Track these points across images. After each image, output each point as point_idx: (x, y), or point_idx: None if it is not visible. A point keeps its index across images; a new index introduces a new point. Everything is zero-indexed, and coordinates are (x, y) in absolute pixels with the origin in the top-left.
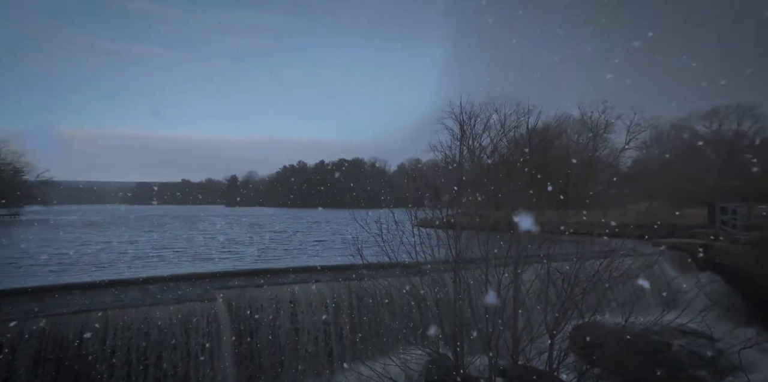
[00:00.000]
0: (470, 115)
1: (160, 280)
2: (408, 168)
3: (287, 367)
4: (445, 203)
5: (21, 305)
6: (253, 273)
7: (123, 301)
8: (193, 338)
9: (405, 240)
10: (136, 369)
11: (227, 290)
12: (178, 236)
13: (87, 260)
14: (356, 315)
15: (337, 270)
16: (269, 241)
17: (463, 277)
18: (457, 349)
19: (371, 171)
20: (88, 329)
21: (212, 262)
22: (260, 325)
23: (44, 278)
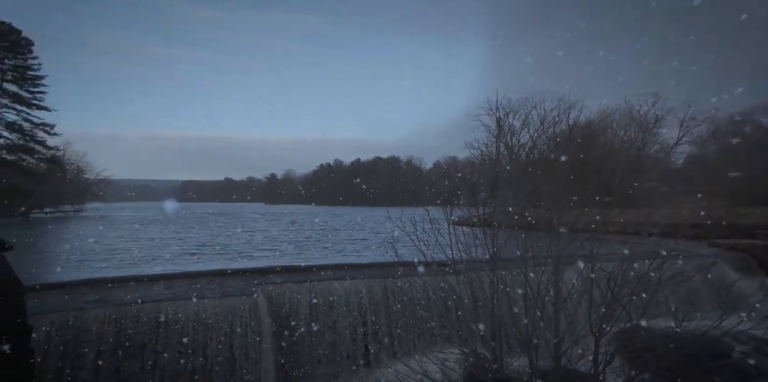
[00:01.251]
0: (508, 112)
1: (205, 274)
2: (443, 166)
3: (325, 361)
4: (481, 201)
5: (85, 295)
6: (292, 269)
7: (172, 294)
8: (235, 330)
9: (440, 239)
10: (185, 358)
11: (267, 286)
12: (221, 232)
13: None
14: (392, 313)
15: (373, 267)
16: (306, 238)
17: (500, 276)
18: (496, 349)
19: (406, 169)
20: (143, 319)
21: (253, 258)
22: (298, 320)
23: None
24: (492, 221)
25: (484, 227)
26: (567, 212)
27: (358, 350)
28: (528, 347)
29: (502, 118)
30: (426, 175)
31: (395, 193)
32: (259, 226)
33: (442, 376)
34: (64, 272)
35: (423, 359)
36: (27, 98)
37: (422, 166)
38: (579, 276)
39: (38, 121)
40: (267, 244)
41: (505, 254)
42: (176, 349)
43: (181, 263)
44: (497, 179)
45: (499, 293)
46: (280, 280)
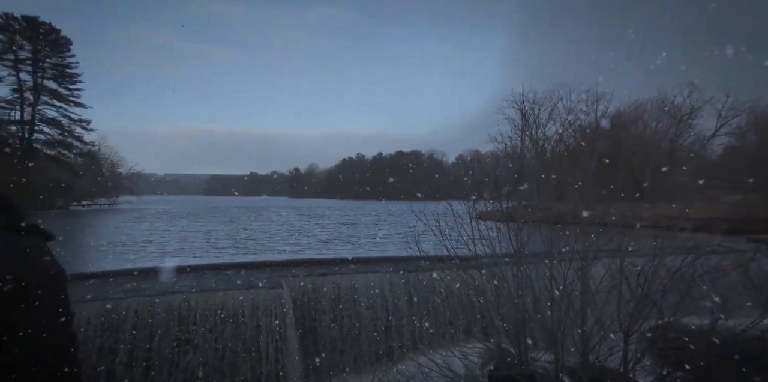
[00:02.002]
0: (533, 104)
1: (232, 266)
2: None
3: (348, 353)
4: (505, 194)
5: (120, 284)
6: (315, 263)
7: (201, 285)
8: (261, 321)
9: (463, 233)
10: (214, 346)
11: (291, 278)
12: (246, 226)
13: (173, 246)
14: (415, 306)
15: (396, 261)
16: (329, 232)
17: (525, 271)
18: (520, 344)
19: (429, 163)
20: (174, 309)
21: (277, 251)
22: (321, 312)
23: (142, 262)
24: (516, 215)
25: (508, 221)
26: (594, 205)
27: (381, 343)
28: (554, 342)
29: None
30: (448, 169)
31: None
32: (282, 219)
33: (465, 370)
34: (100, 262)
35: (446, 353)
36: (65, 95)
37: (444, 160)
38: (607, 271)
39: (75, 118)
40: (290, 237)
41: (530, 248)
42: (205, 338)
43: (208, 256)
44: (522, 172)
45: (523, 287)
46: (304, 273)
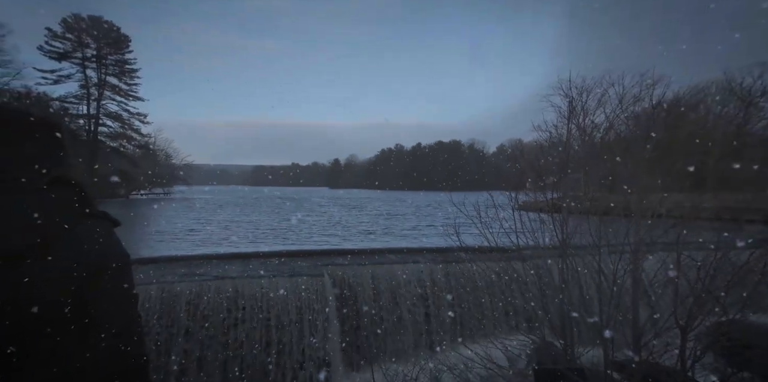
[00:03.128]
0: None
1: (276, 255)
2: (508, 149)
3: (388, 342)
4: (550, 185)
5: (174, 269)
6: (356, 252)
7: (247, 272)
8: (303, 308)
9: (505, 224)
10: (260, 331)
11: (333, 267)
12: (289, 215)
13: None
14: (455, 297)
15: (435, 252)
16: (368, 222)
17: (570, 263)
18: (566, 338)
19: (469, 153)
20: (223, 294)
21: (319, 240)
22: (362, 301)
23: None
24: (561, 206)
25: (553, 212)
26: (648, 195)
27: (421, 333)
28: (602, 337)
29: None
30: (489, 159)
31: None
32: (323, 210)
33: (508, 362)
34: (156, 248)
35: (488, 345)
36: (125, 90)
37: (485, 149)
38: (662, 265)
39: (134, 111)
40: (331, 228)
41: (576, 240)
42: (251, 323)
43: (252, 244)
44: (568, 162)
45: (569, 280)
46: (345, 262)
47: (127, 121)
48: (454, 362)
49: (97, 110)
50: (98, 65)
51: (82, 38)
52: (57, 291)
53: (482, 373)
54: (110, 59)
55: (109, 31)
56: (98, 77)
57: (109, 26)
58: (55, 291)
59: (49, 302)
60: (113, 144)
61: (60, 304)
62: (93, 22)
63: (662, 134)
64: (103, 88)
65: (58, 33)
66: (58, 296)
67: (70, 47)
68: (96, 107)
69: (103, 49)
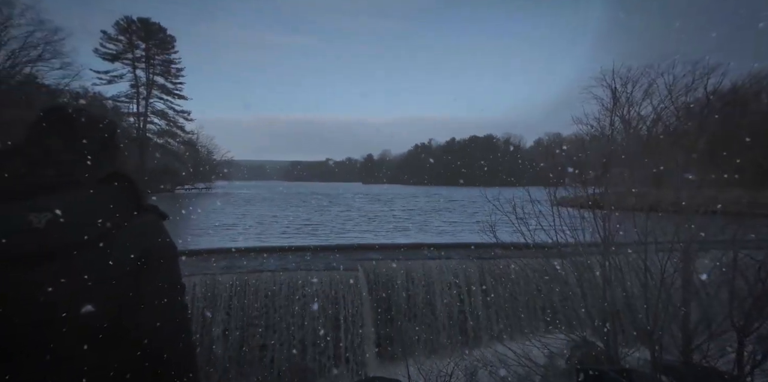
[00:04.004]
0: (626, 81)
1: (311, 249)
2: (546, 143)
3: (423, 338)
4: (591, 179)
5: (216, 262)
6: (389, 247)
7: (284, 265)
8: (339, 302)
9: (542, 220)
10: (297, 323)
11: (366, 262)
12: (324, 210)
13: (259, 228)
14: (490, 293)
15: (470, 248)
16: (402, 218)
17: (614, 261)
18: (609, 338)
19: (504, 148)
20: (262, 286)
21: (353, 235)
22: (396, 296)
23: (235, 242)
24: (603, 202)
25: (594, 208)
26: (700, 191)
27: (455, 329)
28: (649, 338)
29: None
30: (526, 153)
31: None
32: (356, 205)
33: (547, 361)
34: (199, 241)
35: (525, 343)
36: (171, 89)
37: (521, 144)
38: (716, 264)
39: (179, 109)
40: (364, 223)
41: (620, 237)
42: (287, 315)
43: (289, 239)
44: (610, 156)
45: (612, 279)
46: (379, 257)
47: (172, 118)
48: (490, 359)
49: (145, 108)
50: (147, 65)
51: (132, 40)
52: (113, 281)
53: (520, 371)
54: (157, 59)
55: (157, 33)
56: (146, 77)
57: (156, 28)
58: (112, 281)
59: (107, 291)
60: (160, 141)
61: (116, 293)
62: (143, 24)
63: (718, 126)
64: (150, 87)
65: (112, 35)
66: (115, 285)
67: (121, 49)
68: (144, 106)
69: (151, 50)
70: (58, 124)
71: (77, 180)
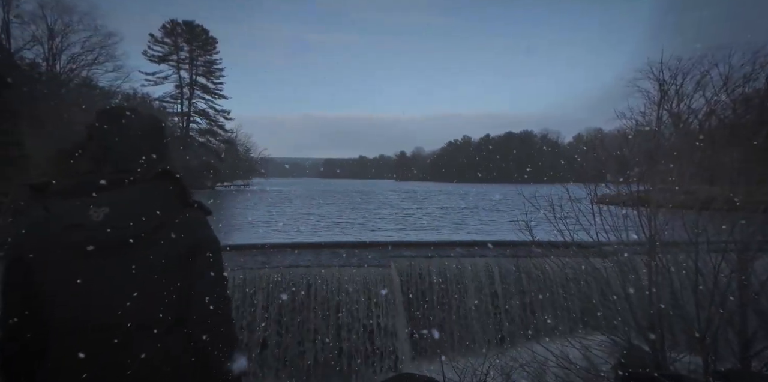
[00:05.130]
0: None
1: (345, 245)
2: (586, 139)
3: (456, 335)
4: (635, 176)
5: (255, 256)
6: (422, 245)
7: (318, 261)
8: (372, 298)
9: (582, 218)
10: (331, 318)
11: (399, 259)
12: (357, 207)
13: (296, 224)
14: (526, 293)
15: (505, 246)
16: (435, 216)
17: (660, 261)
18: (656, 342)
19: (541, 144)
20: (298, 281)
21: (386, 232)
22: (429, 293)
23: (271, 237)
24: (650, 199)
25: (639, 206)
26: (760, 187)
27: (490, 327)
28: (701, 344)
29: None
30: (564, 150)
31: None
32: (389, 202)
33: (588, 363)
34: (237, 236)
35: (563, 343)
36: (212, 89)
37: (560, 140)
38: None
39: (219, 108)
40: (398, 220)
41: (667, 236)
42: (322, 311)
43: (322, 235)
44: (657, 151)
45: (658, 280)
46: (412, 254)
47: (213, 117)
48: (527, 359)
49: (188, 108)
50: (190, 66)
51: (177, 42)
52: (163, 274)
53: (558, 372)
54: (200, 60)
55: (200, 34)
56: (190, 77)
57: (200, 30)
58: (162, 274)
59: (157, 282)
60: (201, 139)
61: (165, 285)
62: (187, 27)
63: None
64: (193, 88)
65: (159, 38)
66: (164, 277)
67: (167, 51)
68: (188, 105)
69: (195, 51)
70: (114, 124)
71: (131, 177)
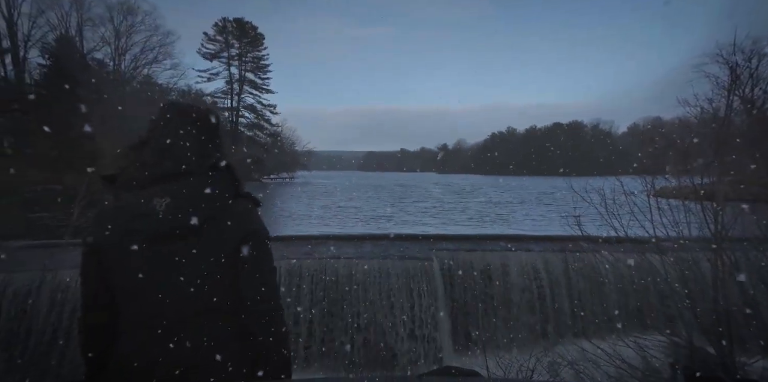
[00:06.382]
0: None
1: (387, 238)
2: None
3: (500, 330)
4: (699, 167)
5: (300, 247)
6: (465, 238)
7: (360, 252)
8: (414, 290)
9: (636, 212)
10: (373, 309)
11: (441, 252)
12: (400, 200)
13: (336, 216)
14: (574, 288)
15: (553, 241)
16: (478, 209)
17: (728, 258)
18: (723, 344)
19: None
20: (341, 272)
21: (428, 225)
22: (472, 287)
23: (315, 229)
24: (716, 192)
25: (702, 199)
26: None
27: (536, 323)
28: None
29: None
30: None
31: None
32: (432, 196)
33: (643, 363)
34: (283, 227)
35: (617, 342)
36: (259, 84)
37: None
38: None
39: (266, 103)
40: (440, 213)
41: (735, 232)
42: (364, 302)
43: (364, 226)
44: (726, 139)
45: (725, 278)
46: (454, 247)
47: (260, 112)
48: (576, 357)
49: (237, 103)
50: (239, 62)
51: (228, 39)
52: (217, 262)
53: (611, 372)
54: (249, 56)
55: (249, 31)
56: (239, 73)
57: (249, 26)
58: (216, 262)
59: (212, 270)
60: (249, 133)
61: (219, 273)
62: (237, 24)
63: None
64: (242, 83)
65: (211, 36)
66: (218, 266)
67: (219, 48)
68: (237, 100)
69: (244, 48)
70: (174, 119)
71: (190, 169)
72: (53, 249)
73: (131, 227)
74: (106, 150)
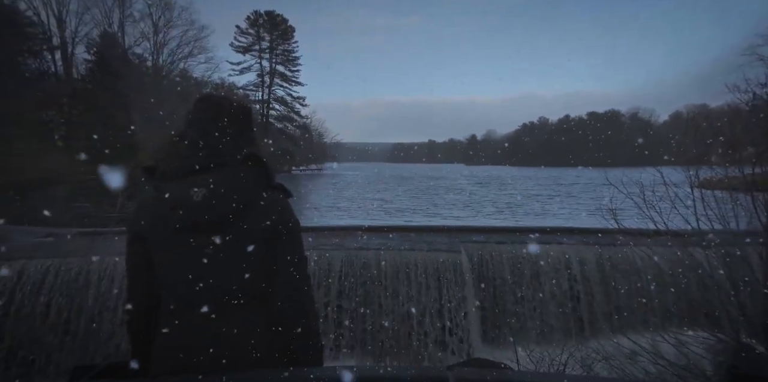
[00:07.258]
0: None
1: (415, 229)
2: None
3: (530, 324)
4: (749, 157)
5: (328, 238)
6: (495, 230)
7: (389, 244)
8: (442, 282)
9: (678, 204)
10: (402, 301)
11: (470, 244)
12: (428, 192)
13: (365, 207)
14: (609, 283)
15: (586, 233)
16: (508, 202)
17: None
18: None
19: (631, 124)
20: (370, 263)
21: (457, 217)
22: (501, 280)
23: (343, 220)
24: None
25: (753, 191)
26: None
27: (569, 317)
28: None
29: None
30: (658, 129)
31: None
32: (461, 188)
33: (684, 360)
34: (313, 218)
35: (655, 338)
36: (289, 77)
37: (653, 119)
38: None
39: (295, 95)
40: (470, 205)
41: None
42: (395, 291)
43: (392, 217)
44: None
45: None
46: (483, 239)
47: (290, 104)
48: (611, 352)
49: (268, 96)
50: (270, 55)
51: (260, 33)
52: (251, 252)
53: (649, 368)
54: (279, 49)
55: (280, 24)
56: (270, 66)
57: (280, 19)
58: (250, 251)
59: (246, 259)
60: (279, 125)
61: (253, 262)
62: (268, 17)
63: None
64: (273, 76)
65: (244, 29)
66: (252, 255)
67: (250, 41)
68: (267, 93)
69: (275, 41)
70: (209, 112)
71: (224, 161)
72: (99, 236)
73: (170, 216)
74: (146, 142)
